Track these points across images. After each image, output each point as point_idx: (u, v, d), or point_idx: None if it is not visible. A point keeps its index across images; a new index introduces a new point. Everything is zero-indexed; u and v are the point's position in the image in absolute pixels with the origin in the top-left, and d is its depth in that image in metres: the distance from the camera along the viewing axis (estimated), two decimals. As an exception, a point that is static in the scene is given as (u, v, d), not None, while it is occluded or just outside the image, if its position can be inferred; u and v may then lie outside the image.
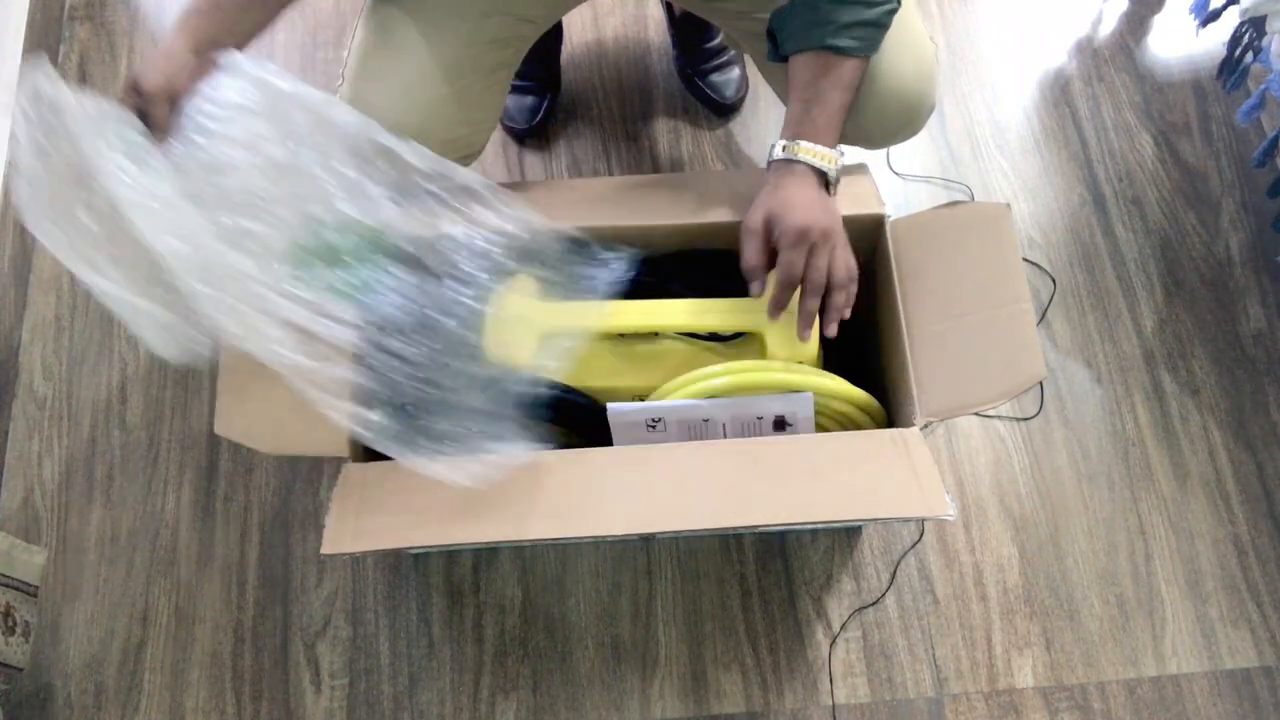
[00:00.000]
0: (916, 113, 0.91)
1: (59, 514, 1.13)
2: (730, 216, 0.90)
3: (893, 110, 0.90)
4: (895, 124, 0.92)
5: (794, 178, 0.84)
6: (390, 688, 1.05)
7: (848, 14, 0.80)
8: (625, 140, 1.33)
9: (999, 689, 1.06)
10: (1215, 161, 1.33)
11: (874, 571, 1.10)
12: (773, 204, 0.83)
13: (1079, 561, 1.11)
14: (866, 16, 0.80)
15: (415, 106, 0.88)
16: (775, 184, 0.84)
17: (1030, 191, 1.31)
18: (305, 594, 1.09)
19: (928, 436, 1.13)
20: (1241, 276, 1.26)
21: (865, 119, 0.90)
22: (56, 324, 1.23)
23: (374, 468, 0.81)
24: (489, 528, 0.78)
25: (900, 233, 0.89)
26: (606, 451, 0.83)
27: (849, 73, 0.83)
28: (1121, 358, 1.21)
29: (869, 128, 0.91)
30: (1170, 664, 1.07)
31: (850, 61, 0.82)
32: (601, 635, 1.07)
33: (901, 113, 0.90)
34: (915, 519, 1.12)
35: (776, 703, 1.05)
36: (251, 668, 1.06)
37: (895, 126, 0.92)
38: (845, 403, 0.87)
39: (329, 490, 1.09)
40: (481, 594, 1.09)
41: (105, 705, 1.05)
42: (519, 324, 0.87)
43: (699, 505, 0.78)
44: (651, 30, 1.41)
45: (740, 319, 0.89)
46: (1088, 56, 1.40)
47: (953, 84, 1.38)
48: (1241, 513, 1.14)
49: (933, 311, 0.86)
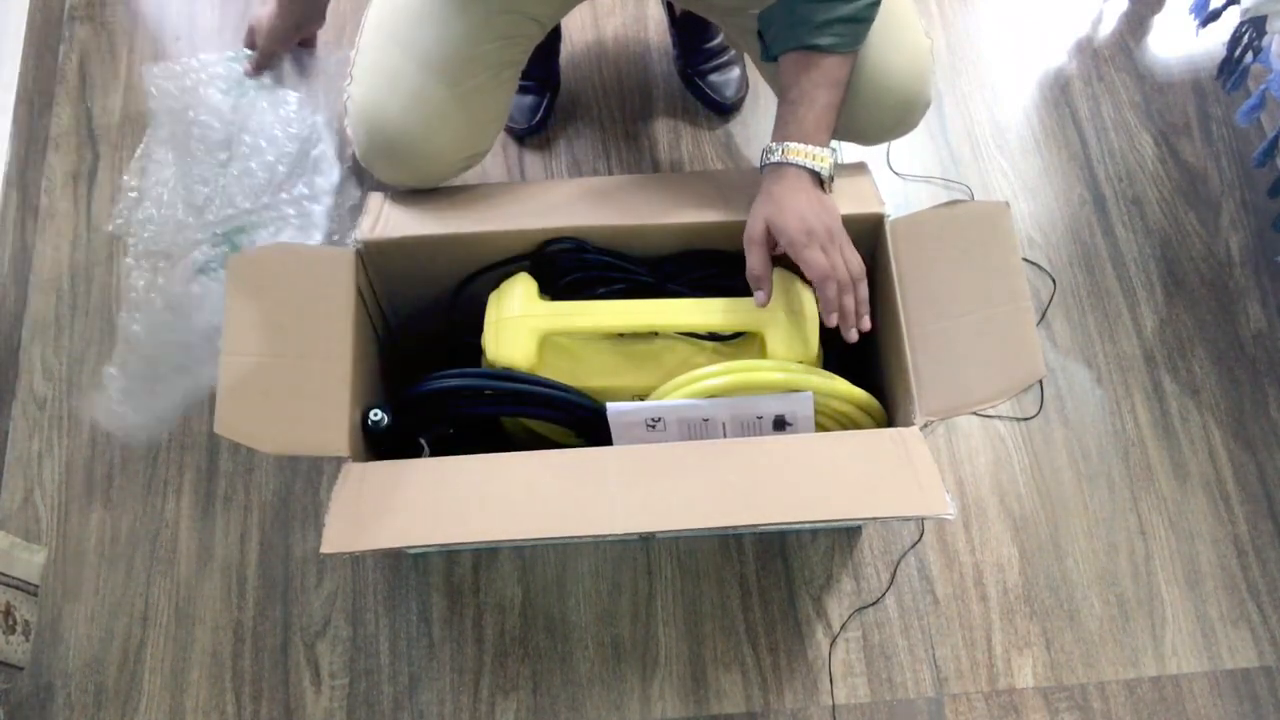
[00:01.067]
0: (911, 108, 0.91)
1: (59, 514, 1.13)
2: (730, 216, 0.90)
3: (887, 106, 0.90)
4: (890, 120, 0.91)
5: (786, 181, 0.84)
6: (390, 688, 1.05)
7: (824, 11, 0.80)
8: (625, 140, 1.33)
9: (999, 689, 1.06)
10: (1215, 161, 1.33)
11: (874, 571, 1.10)
12: (769, 211, 0.83)
13: (1079, 561, 1.11)
14: (844, 12, 0.80)
15: (423, 108, 0.88)
16: (769, 189, 0.84)
17: (1030, 191, 1.31)
18: (305, 594, 1.09)
19: (928, 436, 1.13)
20: (1241, 276, 1.26)
21: (860, 115, 0.90)
22: (56, 324, 1.23)
23: (374, 467, 0.81)
24: (489, 527, 0.78)
25: (900, 232, 0.89)
26: (606, 451, 0.83)
27: (834, 70, 0.83)
28: (1121, 358, 1.21)
29: (864, 124, 0.91)
30: (1170, 664, 1.07)
31: (833, 59, 0.82)
32: (601, 635, 1.07)
33: (896, 108, 0.90)
34: (915, 518, 1.12)
35: (776, 703, 1.05)
36: (251, 668, 1.06)
37: (890, 122, 0.92)
38: (845, 402, 0.87)
39: (329, 490, 1.09)
40: (481, 594, 1.09)
41: (105, 705, 1.05)
42: (519, 324, 0.87)
43: (699, 505, 0.78)
44: (651, 30, 1.41)
45: (740, 319, 0.89)
46: (1088, 56, 1.40)
47: (953, 84, 1.38)
48: (1241, 513, 1.14)
49: (932, 311, 0.86)
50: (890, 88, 0.88)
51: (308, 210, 1.08)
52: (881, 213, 0.90)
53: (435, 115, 0.89)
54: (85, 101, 1.36)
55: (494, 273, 0.93)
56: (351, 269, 0.87)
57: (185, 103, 1.26)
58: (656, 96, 1.36)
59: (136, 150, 1.27)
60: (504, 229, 0.90)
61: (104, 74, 1.38)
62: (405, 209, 0.91)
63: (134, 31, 1.41)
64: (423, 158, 0.90)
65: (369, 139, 0.90)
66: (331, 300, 0.86)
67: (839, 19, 0.80)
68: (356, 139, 0.91)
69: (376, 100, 0.88)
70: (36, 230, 1.28)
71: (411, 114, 0.88)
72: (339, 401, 0.82)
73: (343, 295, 0.86)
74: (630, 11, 1.42)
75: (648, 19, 1.41)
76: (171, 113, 1.26)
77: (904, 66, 0.88)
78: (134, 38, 1.40)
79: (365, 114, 0.89)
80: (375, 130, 0.89)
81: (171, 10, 1.43)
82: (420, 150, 0.90)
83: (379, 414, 0.85)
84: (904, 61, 0.88)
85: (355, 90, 0.90)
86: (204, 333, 0.99)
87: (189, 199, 1.08)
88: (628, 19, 1.41)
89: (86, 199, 1.29)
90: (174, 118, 1.26)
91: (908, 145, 1.33)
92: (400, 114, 0.88)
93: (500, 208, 0.91)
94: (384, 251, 0.90)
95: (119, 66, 1.38)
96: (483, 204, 0.92)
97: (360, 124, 0.90)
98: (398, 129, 0.88)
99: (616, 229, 0.90)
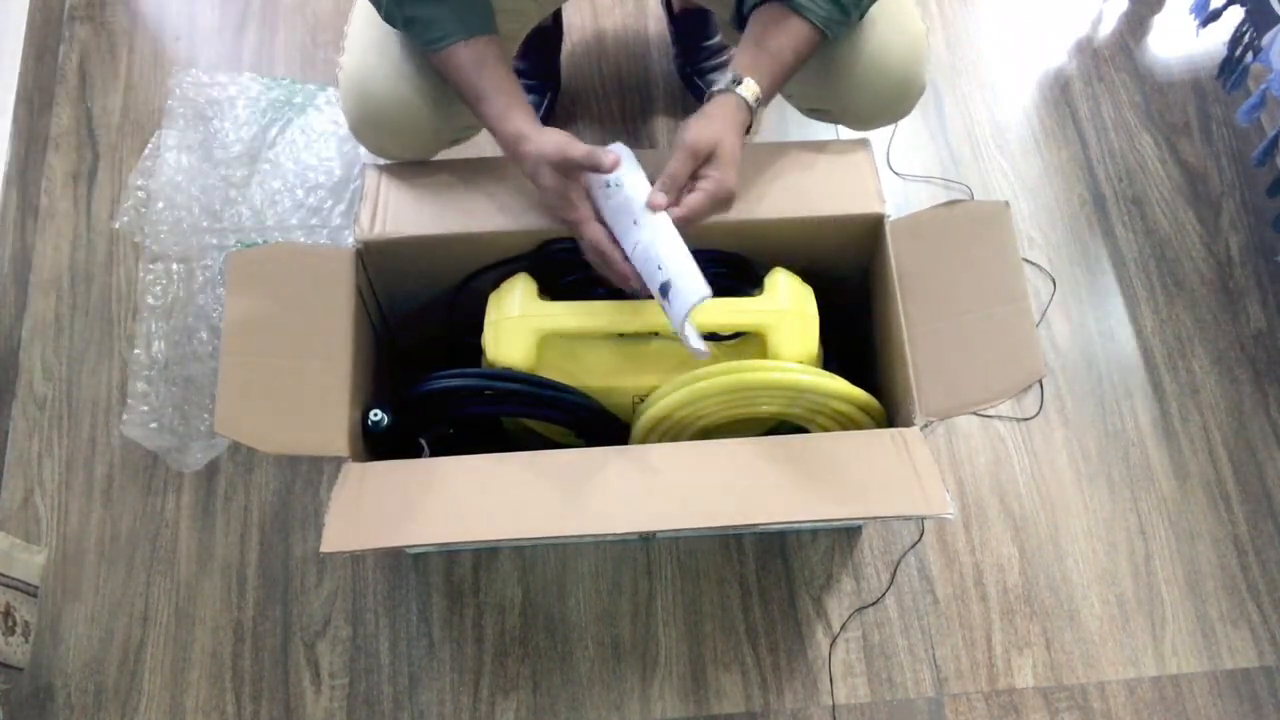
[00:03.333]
0: (906, 90, 0.91)
1: (59, 514, 1.13)
2: (730, 216, 0.89)
3: (881, 87, 0.89)
4: (884, 101, 0.91)
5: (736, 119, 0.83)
6: (390, 688, 1.05)
7: None
8: (625, 138, 1.32)
9: (999, 689, 1.06)
10: (1215, 161, 1.33)
11: (874, 571, 1.10)
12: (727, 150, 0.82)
13: (1079, 561, 1.11)
14: None
15: (411, 78, 0.88)
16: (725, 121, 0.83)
17: (1030, 191, 1.31)
18: (305, 594, 1.09)
19: (928, 436, 1.13)
20: (1241, 276, 1.26)
21: (854, 95, 0.89)
22: (56, 324, 1.22)
23: (374, 467, 0.81)
24: (489, 527, 0.78)
25: (899, 232, 0.89)
26: (606, 451, 0.82)
27: (795, 33, 0.82)
28: (1121, 358, 1.21)
29: (858, 104, 0.91)
30: (1170, 664, 1.07)
31: (801, 24, 0.82)
32: (601, 635, 1.07)
33: (890, 89, 0.90)
34: (915, 518, 1.12)
35: (776, 703, 1.05)
36: (251, 668, 1.06)
37: (884, 104, 0.92)
38: (845, 402, 0.87)
39: (329, 490, 1.09)
40: (481, 594, 1.09)
41: (105, 705, 1.05)
42: (519, 324, 0.87)
43: (699, 505, 0.78)
44: (651, 28, 1.41)
45: (740, 319, 0.89)
46: (1088, 56, 1.40)
47: (953, 84, 1.38)
48: (1241, 513, 1.14)
49: (932, 310, 0.86)
50: (888, 66, 0.88)
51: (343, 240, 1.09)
52: (881, 213, 0.90)
53: (423, 86, 0.88)
54: (85, 101, 1.36)
55: (494, 273, 0.93)
56: (351, 268, 0.87)
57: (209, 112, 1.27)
58: (656, 95, 1.36)
59: (143, 150, 1.28)
60: (504, 229, 0.90)
61: (104, 74, 1.38)
62: (404, 200, 0.91)
63: (134, 31, 1.41)
64: (410, 129, 0.90)
65: (358, 109, 0.89)
66: (331, 300, 0.86)
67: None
68: (346, 109, 0.91)
69: (365, 70, 0.88)
70: (36, 230, 1.28)
71: (398, 84, 0.87)
72: (339, 401, 0.82)
73: (343, 295, 0.86)
74: (630, 9, 1.42)
75: (647, 16, 1.41)
76: (190, 118, 1.27)
77: (903, 48, 0.88)
78: (134, 38, 1.40)
79: (354, 84, 0.89)
80: (363, 100, 0.88)
81: (171, 10, 1.43)
82: (407, 121, 0.89)
83: (379, 414, 0.85)
84: (903, 43, 0.88)
85: (346, 60, 0.90)
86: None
87: (206, 203, 1.08)
88: (627, 16, 1.41)
89: (86, 199, 1.29)
90: (192, 124, 1.27)
91: (908, 145, 1.33)
92: (387, 84, 0.87)
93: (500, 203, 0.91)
94: (384, 251, 0.90)
95: (119, 66, 1.38)
96: (483, 200, 0.91)
97: (349, 94, 0.89)
98: (385, 99, 0.88)
99: (616, 229, 0.90)
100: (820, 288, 0.92)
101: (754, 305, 0.89)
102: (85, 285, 1.24)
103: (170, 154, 1.25)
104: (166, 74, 1.35)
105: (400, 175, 0.93)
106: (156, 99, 1.35)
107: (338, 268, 0.87)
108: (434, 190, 0.92)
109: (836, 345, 0.93)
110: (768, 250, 0.91)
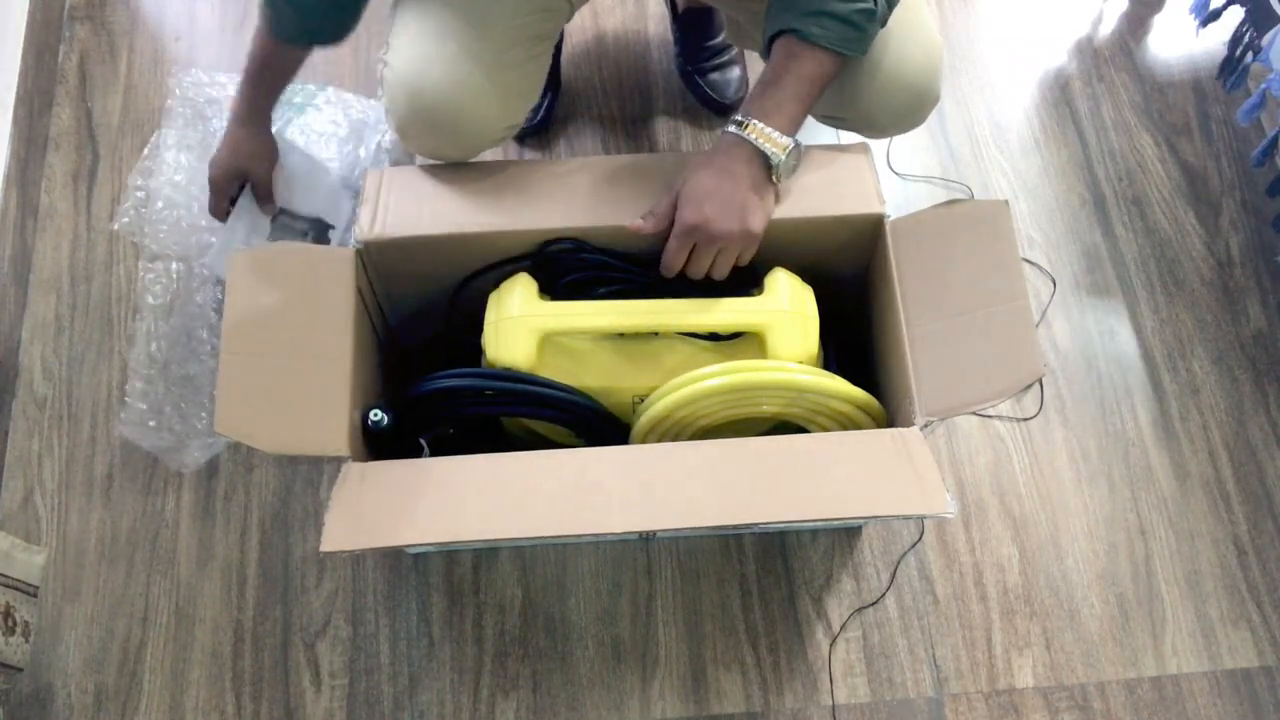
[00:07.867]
0: (921, 102, 0.92)
1: (59, 514, 1.13)
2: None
3: (898, 97, 0.90)
4: (900, 112, 0.92)
5: (728, 157, 0.84)
6: (390, 688, 1.05)
7: (816, 2, 0.80)
8: (625, 139, 1.33)
9: (999, 689, 1.06)
10: (1215, 161, 1.33)
11: (874, 571, 1.10)
12: (689, 185, 0.84)
13: (1079, 561, 1.11)
14: (834, 8, 0.80)
15: (464, 78, 0.89)
16: (713, 157, 0.85)
17: (1030, 191, 1.31)
18: (305, 594, 1.09)
19: (928, 436, 1.13)
20: (1241, 276, 1.26)
21: (870, 104, 0.90)
22: (56, 324, 1.23)
23: (374, 467, 0.81)
24: (489, 527, 0.78)
25: (899, 232, 0.89)
26: (606, 451, 0.83)
27: (810, 64, 0.83)
28: (1121, 358, 1.21)
29: (873, 114, 0.92)
30: (1170, 664, 1.07)
31: (815, 53, 0.82)
32: (601, 635, 1.07)
33: (907, 100, 0.91)
34: (915, 517, 1.12)
35: (776, 703, 1.05)
36: (251, 668, 1.06)
37: (899, 114, 0.93)
38: (845, 403, 0.87)
39: (329, 490, 1.09)
40: (481, 594, 1.09)
41: (105, 705, 1.05)
42: (519, 324, 0.87)
43: (699, 505, 0.78)
44: (652, 28, 1.41)
45: (740, 319, 0.89)
46: (1088, 56, 1.40)
47: (953, 84, 1.38)
48: (1241, 513, 1.14)
49: (932, 311, 0.86)
50: (906, 76, 0.89)
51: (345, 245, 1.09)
52: (881, 213, 0.90)
53: (475, 85, 0.89)
54: (85, 101, 1.36)
55: (494, 273, 0.93)
56: (351, 269, 0.87)
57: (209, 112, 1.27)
58: (656, 95, 1.36)
59: (143, 150, 1.28)
60: (504, 229, 0.90)
61: (104, 74, 1.38)
62: (404, 200, 0.91)
63: (134, 31, 1.41)
64: (462, 128, 0.91)
65: (409, 108, 0.90)
66: (331, 300, 0.86)
67: (829, 14, 0.80)
68: (395, 109, 0.91)
69: (416, 70, 0.89)
70: (36, 230, 1.28)
71: (452, 83, 0.88)
72: (339, 401, 0.82)
73: (343, 295, 0.86)
74: (630, 10, 1.42)
75: (648, 18, 1.41)
76: (190, 118, 1.27)
77: (920, 59, 0.90)
78: (134, 38, 1.40)
79: (405, 83, 0.89)
80: (414, 99, 0.89)
81: (171, 10, 1.43)
82: (460, 120, 0.90)
83: (379, 414, 0.85)
84: (920, 54, 0.90)
85: (394, 59, 0.90)
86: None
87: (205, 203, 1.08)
88: (628, 17, 1.41)
89: (86, 199, 1.29)
90: (191, 124, 1.27)
91: (908, 145, 1.33)
92: (440, 83, 0.88)
93: (500, 203, 0.91)
94: (384, 251, 0.90)
95: (119, 66, 1.38)
96: (483, 200, 0.91)
97: (400, 94, 0.90)
98: (437, 98, 0.89)
99: (616, 229, 0.90)
100: (820, 288, 0.92)
101: (754, 305, 0.89)
102: (85, 285, 1.24)
103: (170, 154, 1.25)
104: (166, 74, 1.35)
105: (400, 176, 0.93)
106: (156, 99, 1.35)
107: (338, 268, 0.87)
108: (434, 190, 0.92)
109: (836, 345, 0.93)
110: (768, 250, 0.91)
